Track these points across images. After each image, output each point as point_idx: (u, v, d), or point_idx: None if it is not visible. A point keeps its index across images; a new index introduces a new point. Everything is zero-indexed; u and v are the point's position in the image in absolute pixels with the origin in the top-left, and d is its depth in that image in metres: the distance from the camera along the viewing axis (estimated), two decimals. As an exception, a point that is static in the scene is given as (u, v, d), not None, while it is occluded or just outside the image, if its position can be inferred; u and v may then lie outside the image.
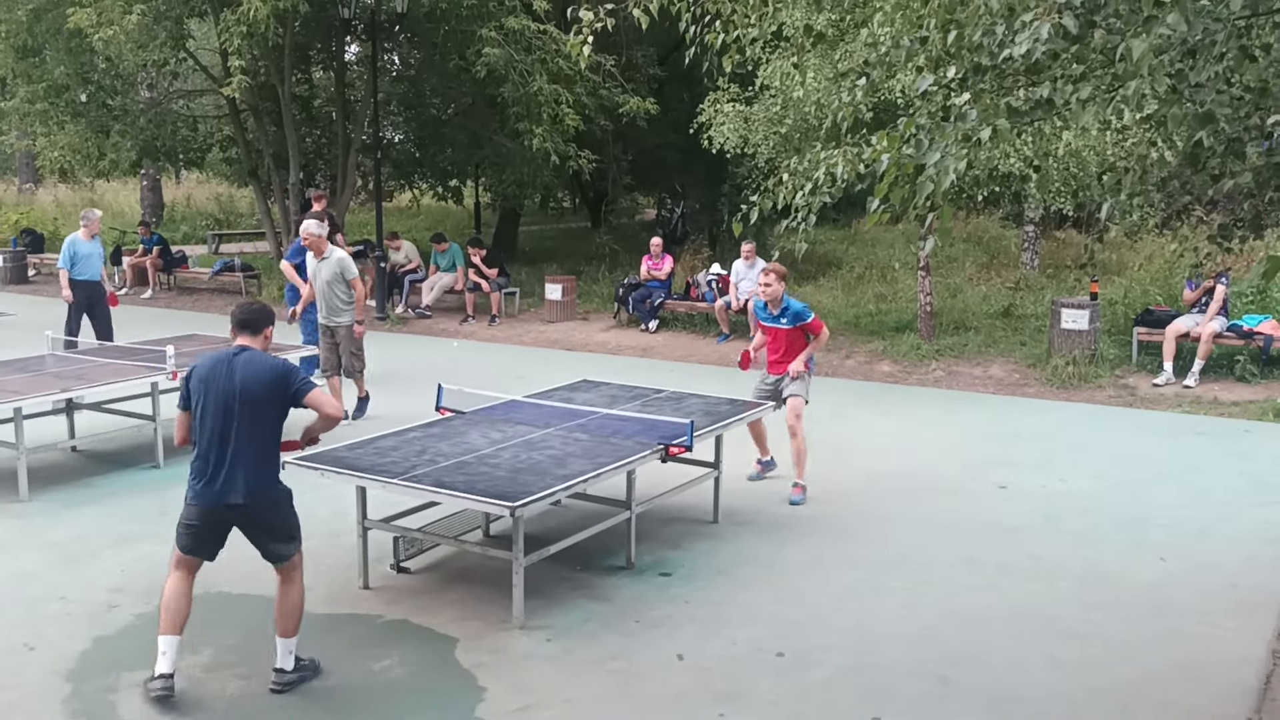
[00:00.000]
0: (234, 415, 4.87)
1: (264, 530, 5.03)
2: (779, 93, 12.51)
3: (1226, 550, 6.88)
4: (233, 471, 4.86)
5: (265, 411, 4.93)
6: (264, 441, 4.94)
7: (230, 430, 4.87)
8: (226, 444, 4.87)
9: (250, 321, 5.11)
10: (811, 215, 3.72)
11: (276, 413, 4.98)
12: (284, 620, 5.05)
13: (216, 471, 4.88)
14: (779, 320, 7.93)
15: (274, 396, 4.93)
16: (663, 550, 6.82)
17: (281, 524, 5.06)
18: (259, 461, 4.93)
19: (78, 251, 12.04)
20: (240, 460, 4.87)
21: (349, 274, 9.70)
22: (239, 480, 4.87)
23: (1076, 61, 2.98)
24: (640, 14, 4.19)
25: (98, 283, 12.23)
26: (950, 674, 5.21)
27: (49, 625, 5.69)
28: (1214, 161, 3.52)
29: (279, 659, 5.02)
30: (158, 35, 16.58)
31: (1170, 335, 11.76)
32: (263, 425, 4.93)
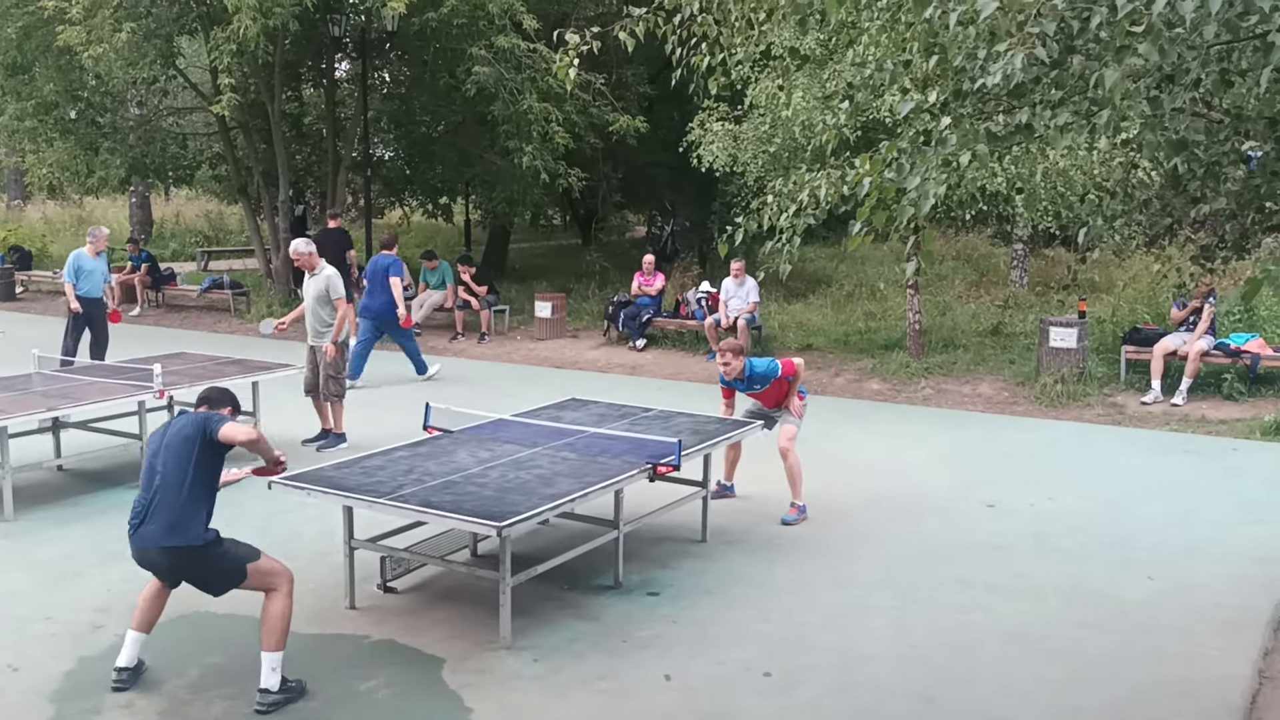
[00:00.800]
0: (155, 465, 5.05)
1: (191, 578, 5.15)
2: (767, 112, 12.56)
3: (1214, 569, 6.89)
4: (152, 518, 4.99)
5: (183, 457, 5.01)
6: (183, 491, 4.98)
7: (153, 478, 5.03)
8: (150, 489, 5.03)
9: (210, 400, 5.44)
10: (796, 236, 3.74)
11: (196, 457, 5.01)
12: (265, 634, 5.05)
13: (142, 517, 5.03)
14: (753, 387, 7.98)
15: (191, 443, 5.02)
16: (651, 570, 6.81)
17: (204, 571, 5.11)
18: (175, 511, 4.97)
19: (82, 267, 12.12)
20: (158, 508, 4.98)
21: (334, 293, 9.62)
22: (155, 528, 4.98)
23: (1055, 87, 3.01)
24: (626, 37, 4.21)
25: (98, 300, 12.28)
26: (937, 694, 5.21)
27: (34, 645, 5.65)
28: (1194, 185, 3.55)
29: (263, 678, 5.00)
30: (147, 53, 16.61)
31: (1158, 353, 11.81)
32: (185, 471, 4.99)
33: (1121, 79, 2.55)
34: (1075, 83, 2.90)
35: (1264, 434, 10.36)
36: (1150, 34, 2.55)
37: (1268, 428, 10.43)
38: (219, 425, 5.04)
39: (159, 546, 4.96)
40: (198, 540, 4.99)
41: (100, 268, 12.29)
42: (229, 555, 5.10)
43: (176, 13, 16.54)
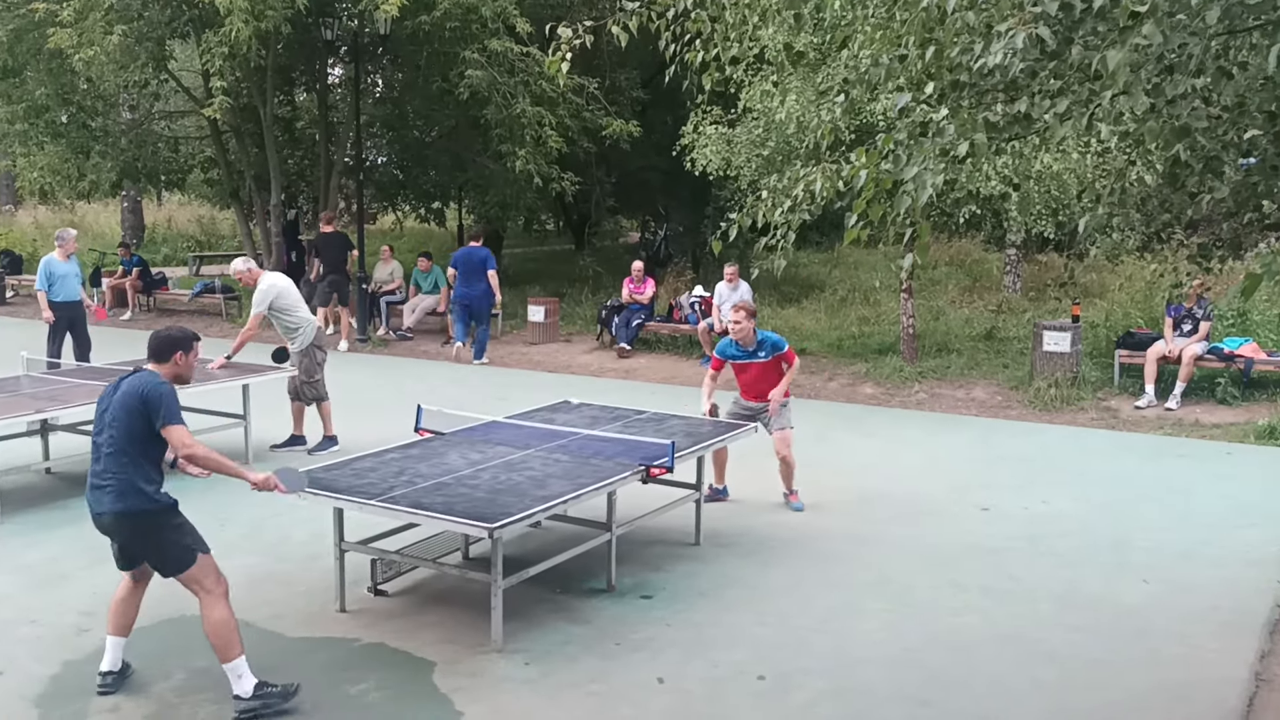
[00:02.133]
0: (104, 430, 4.94)
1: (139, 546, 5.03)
2: (761, 115, 12.55)
3: (1209, 572, 6.87)
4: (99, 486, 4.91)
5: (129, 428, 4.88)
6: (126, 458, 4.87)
7: (101, 443, 4.94)
8: (97, 458, 4.95)
9: (154, 350, 5.17)
10: (791, 232, 3.70)
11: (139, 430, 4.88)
12: (216, 647, 4.93)
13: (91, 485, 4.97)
14: (756, 355, 7.96)
15: (133, 417, 4.88)
16: (644, 572, 6.76)
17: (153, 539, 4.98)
18: (121, 477, 4.87)
19: (53, 272, 11.99)
20: (103, 476, 4.90)
21: (256, 305, 9.41)
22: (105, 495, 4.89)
23: (1054, 77, 2.98)
24: (619, 31, 4.18)
25: (77, 302, 12.17)
26: (932, 697, 5.17)
27: (19, 648, 5.59)
28: (1192, 180, 3.52)
29: (232, 686, 4.90)
30: (139, 56, 16.55)
31: (1151, 358, 11.80)
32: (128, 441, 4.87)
33: (1124, 60, 2.52)
34: (1074, 73, 2.87)
35: (1258, 438, 10.35)
36: (1154, 15, 2.52)
37: (1261, 432, 10.42)
38: (168, 420, 4.85)
39: (112, 512, 4.87)
40: (149, 504, 4.87)
41: (73, 270, 12.16)
42: (184, 530, 4.98)
43: (168, 16, 16.50)
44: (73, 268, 12.15)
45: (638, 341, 15.27)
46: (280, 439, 9.80)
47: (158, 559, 5.02)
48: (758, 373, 8.01)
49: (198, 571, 4.96)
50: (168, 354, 5.14)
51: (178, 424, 4.88)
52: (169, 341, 5.18)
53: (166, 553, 4.97)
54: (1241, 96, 3.03)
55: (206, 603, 4.94)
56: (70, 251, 12.14)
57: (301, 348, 9.54)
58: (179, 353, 5.16)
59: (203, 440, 5.11)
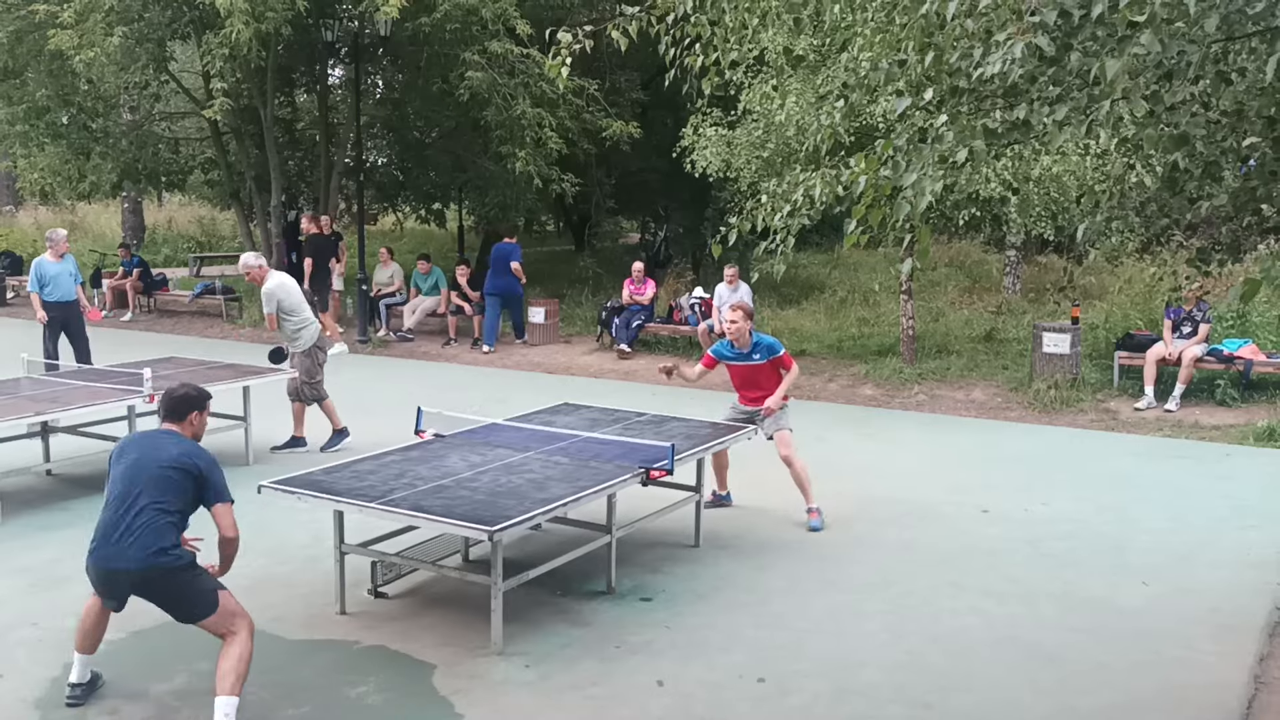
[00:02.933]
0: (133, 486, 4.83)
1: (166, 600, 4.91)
2: (761, 116, 12.55)
3: (1208, 574, 6.87)
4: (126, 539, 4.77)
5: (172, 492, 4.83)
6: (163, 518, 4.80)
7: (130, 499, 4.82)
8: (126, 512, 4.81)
9: (169, 410, 5.13)
10: (790, 237, 3.71)
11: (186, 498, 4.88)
12: (222, 676, 4.77)
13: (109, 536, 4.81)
14: (751, 357, 7.83)
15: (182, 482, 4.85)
16: (643, 575, 6.77)
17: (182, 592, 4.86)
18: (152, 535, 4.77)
19: (45, 273, 12.00)
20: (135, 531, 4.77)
21: (266, 307, 9.49)
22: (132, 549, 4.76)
23: (1053, 84, 2.98)
24: (619, 36, 4.18)
25: (71, 303, 12.16)
26: (932, 699, 5.17)
27: (19, 651, 5.60)
28: (1191, 185, 3.52)
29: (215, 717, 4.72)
30: (139, 57, 16.57)
31: (1151, 359, 11.80)
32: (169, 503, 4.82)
33: (1123, 69, 2.53)
34: (1073, 79, 2.88)
35: (1257, 439, 10.35)
36: (1152, 24, 2.52)
37: (1261, 433, 10.43)
38: (219, 498, 4.90)
39: (141, 567, 4.73)
40: (176, 561, 4.80)
41: (66, 269, 12.13)
42: (203, 579, 4.91)
43: (169, 17, 16.51)
44: (66, 267, 12.12)
45: (637, 343, 15.28)
46: (280, 440, 9.81)
47: (177, 610, 4.91)
48: (750, 374, 7.90)
49: (219, 617, 4.87)
50: (185, 413, 5.15)
51: (229, 502, 4.96)
52: (186, 402, 5.17)
53: (187, 605, 4.88)
54: (1240, 102, 3.04)
55: (234, 637, 4.86)
56: (62, 252, 12.12)
57: (304, 348, 9.57)
58: (195, 412, 5.19)
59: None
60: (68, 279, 12.12)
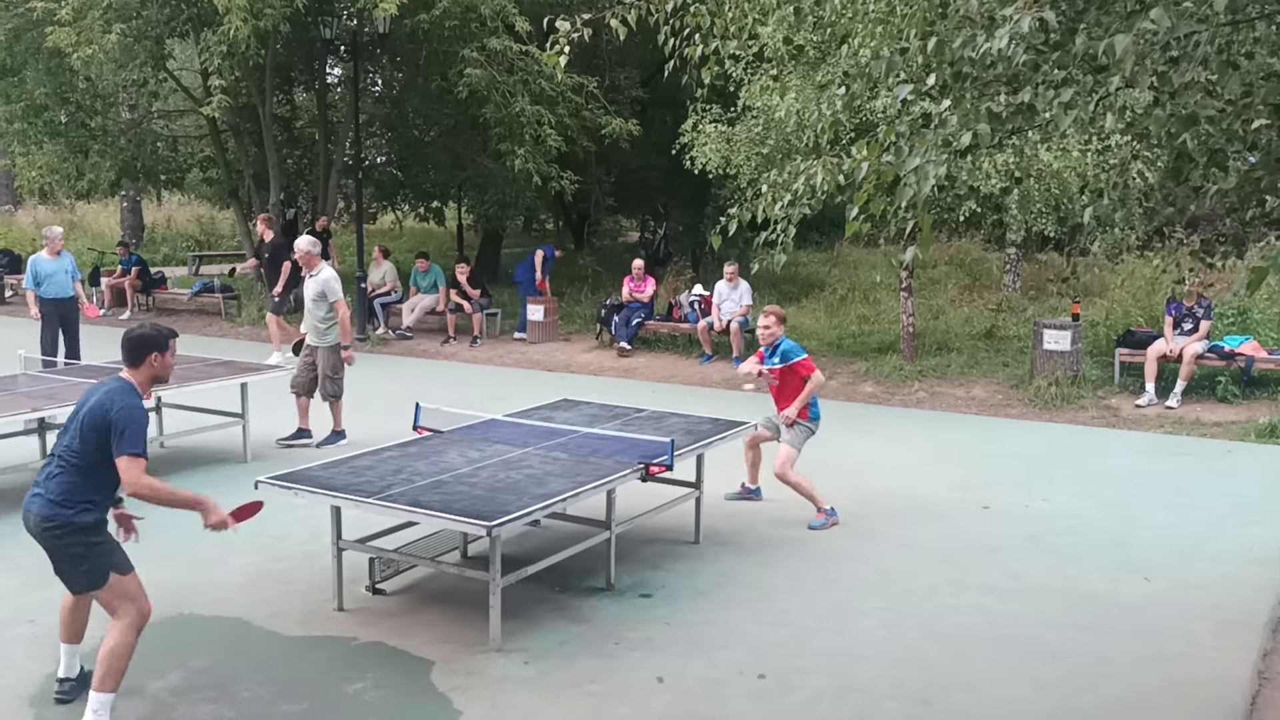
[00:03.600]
0: (66, 434, 4.70)
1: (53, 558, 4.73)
2: (760, 113, 12.52)
3: (1210, 570, 6.84)
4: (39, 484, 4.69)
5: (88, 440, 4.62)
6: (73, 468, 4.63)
7: (58, 448, 4.71)
8: (49, 461, 4.74)
9: (125, 352, 4.84)
10: (791, 227, 3.67)
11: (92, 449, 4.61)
12: (99, 668, 4.62)
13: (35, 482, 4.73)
14: (771, 360, 7.88)
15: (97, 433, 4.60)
16: (643, 571, 6.73)
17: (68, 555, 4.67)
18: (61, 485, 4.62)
19: (40, 270, 12.09)
20: (48, 475, 4.67)
21: (331, 295, 9.58)
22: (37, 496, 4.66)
23: (1058, 68, 2.95)
24: (618, 25, 4.15)
25: (67, 300, 12.21)
26: (933, 696, 5.14)
27: (15, 648, 5.56)
28: (1196, 173, 3.49)
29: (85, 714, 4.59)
30: (138, 55, 16.53)
31: (1152, 356, 11.77)
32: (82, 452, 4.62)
33: (1131, 45, 2.49)
34: (1078, 63, 2.84)
35: (1259, 436, 10.32)
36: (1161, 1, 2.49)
37: (1262, 430, 10.39)
38: (125, 448, 4.54)
39: (37, 515, 4.60)
40: (70, 518, 4.58)
41: (63, 267, 12.18)
42: (101, 551, 4.67)
43: (167, 15, 16.46)
44: (63, 265, 12.16)
45: (637, 340, 15.25)
46: (281, 434, 9.78)
47: (63, 574, 4.75)
48: (777, 383, 7.93)
49: (109, 594, 4.70)
50: (141, 357, 4.80)
51: (133, 455, 4.56)
52: (141, 343, 4.81)
53: (73, 570, 4.70)
54: (1248, 86, 3.00)
55: (118, 625, 4.69)
56: (57, 249, 12.16)
57: (333, 342, 9.63)
58: (154, 354, 4.82)
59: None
60: (63, 276, 12.13)
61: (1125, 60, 2.50)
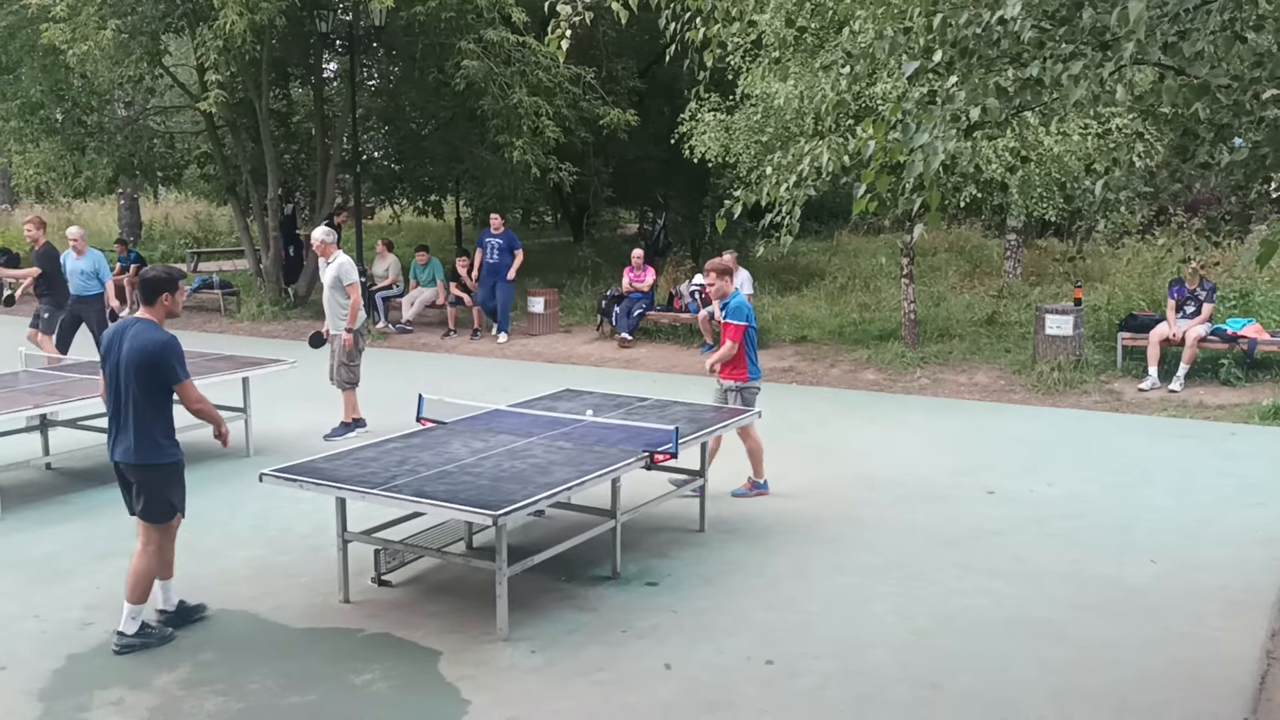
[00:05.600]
0: (120, 382, 5.42)
1: (139, 489, 5.46)
2: (759, 101, 12.49)
3: (1216, 551, 6.83)
4: (123, 432, 5.42)
5: (143, 383, 5.36)
6: (144, 409, 5.37)
7: (120, 395, 5.42)
8: (119, 407, 5.44)
9: (142, 293, 5.57)
10: (797, 208, 3.65)
11: (154, 386, 5.38)
12: (128, 585, 5.43)
13: (111, 430, 5.50)
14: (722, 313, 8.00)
15: (145, 371, 5.35)
16: (648, 559, 6.73)
17: (156, 489, 5.45)
18: (140, 428, 5.37)
19: (66, 268, 12.30)
20: (127, 424, 5.41)
21: (346, 279, 9.60)
22: (123, 441, 5.42)
23: (1065, 42, 2.93)
24: (619, 7, 4.12)
25: (89, 298, 12.27)
26: (941, 679, 5.13)
27: (22, 643, 5.55)
28: (1203, 150, 3.47)
29: (121, 621, 5.42)
30: (133, 51, 16.45)
31: (1154, 340, 11.75)
32: (143, 394, 5.35)
33: (1145, 9, 2.47)
34: (1086, 37, 2.82)
35: (1262, 418, 10.31)
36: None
37: (1266, 412, 10.38)
38: (175, 380, 5.38)
39: (133, 463, 5.39)
40: (165, 458, 5.44)
41: (83, 266, 12.24)
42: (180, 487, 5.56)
43: (162, 10, 16.39)
44: (84, 264, 12.25)
45: (638, 331, 15.23)
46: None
47: (147, 505, 5.47)
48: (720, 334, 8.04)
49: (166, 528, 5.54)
50: (154, 296, 5.53)
51: (187, 381, 5.43)
52: (155, 284, 5.53)
53: (157, 504, 5.48)
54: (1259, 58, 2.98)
55: (146, 549, 5.45)
56: (80, 248, 12.24)
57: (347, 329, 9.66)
58: (165, 294, 5.54)
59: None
60: (79, 276, 12.23)
61: (1138, 26, 2.48)
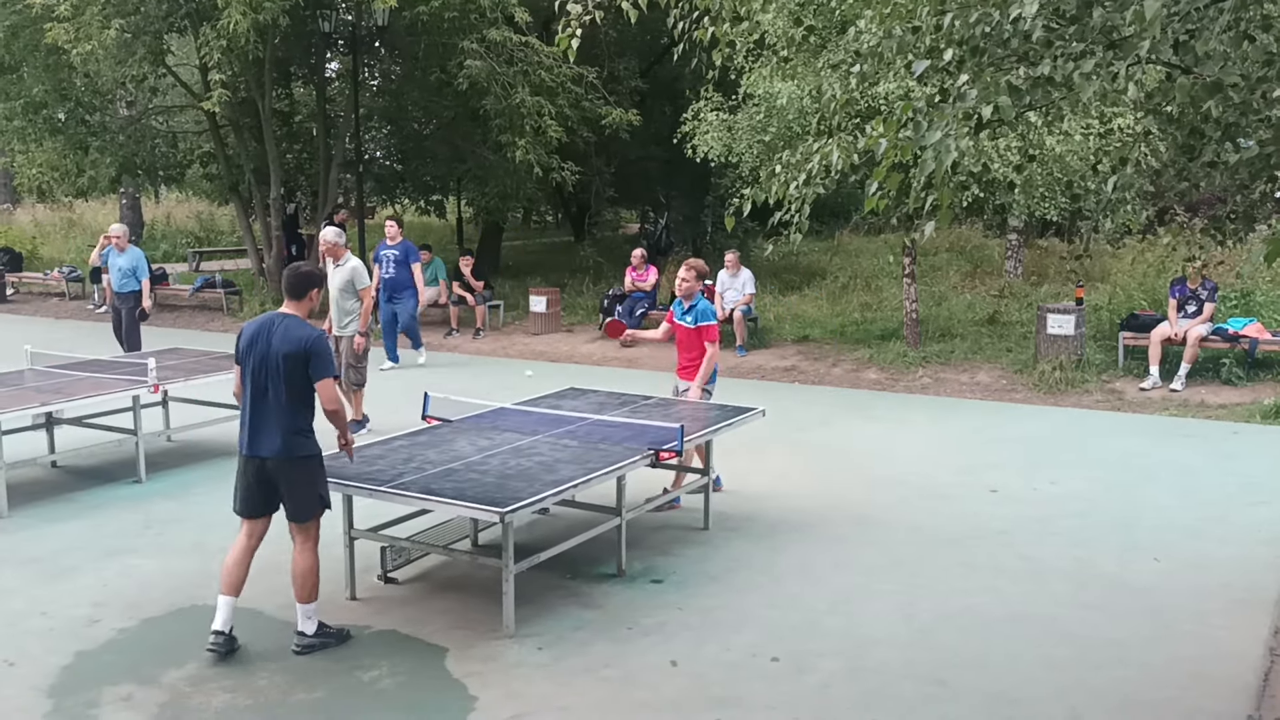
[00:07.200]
0: (267, 375, 5.31)
1: (288, 486, 5.38)
2: (762, 101, 12.51)
3: (1219, 550, 6.85)
4: (267, 427, 5.31)
5: (293, 377, 5.29)
6: (293, 403, 5.31)
7: (265, 389, 5.32)
8: (262, 401, 5.32)
9: (291, 287, 5.49)
10: (805, 206, 3.67)
11: (302, 379, 5.32)
12: (296, 586, 5.43)
13: (254, 425, 5.35)
14: (684, 317, 7.88)
15: (298, 365, 5.29)
16: (653, 557, 6.75)
17: (306, 482, 5.39)
18: (288, 421, 5.30)
19: (108, 263, 12.72)
20: (270, 418, 5.31)
21: (359, 283, 9.65)
22: (269, 436, 5.31)
23: (1076, 41, 2.95)
24: (629, 7, 4.14)
25: (125, 295, 12.64)
26: (947, 676, 5.16)
27: (30, 640, 5.57)
28: (1210, 149, 3.49)
29: (299, 622, 5.44)
30: (136, 50, 16.48)
31: (1156, 339, 11.77)
32: (292, 388, 5.29)
33: (1161, 8, 2.49)
34: (1096, 35, 2.84)
35: (1264, 418, 10.33)
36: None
37: (1268, 411, 10.40)
38: (320, 375, 5.29)
39: (279, 457, 5.29)
40: (313, 449, 5.39)
41: (125, 263, 12.53)
42: (323, 480, 5.47)
43: (165, 10, 16.42)
44: (126, 260, 12.53)
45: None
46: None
47: (299, 502, 5.40)
48: (682, 337, 7.93)
49: (314, 524, 5.46)
50: (303, 291, 5.49)
51: (331, 378, 5.35)
52: (306, 279, 5.52)
53: (303, 499, 5.40)
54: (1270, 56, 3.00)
55: (305, 547, 5.43)
56: (121, 246, 12.49)
57: (351, 334, 9.72)
58: (314, 289, 5.54)
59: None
60: (118, 273, 12.56)
61: (1154, 24, 2.49)
